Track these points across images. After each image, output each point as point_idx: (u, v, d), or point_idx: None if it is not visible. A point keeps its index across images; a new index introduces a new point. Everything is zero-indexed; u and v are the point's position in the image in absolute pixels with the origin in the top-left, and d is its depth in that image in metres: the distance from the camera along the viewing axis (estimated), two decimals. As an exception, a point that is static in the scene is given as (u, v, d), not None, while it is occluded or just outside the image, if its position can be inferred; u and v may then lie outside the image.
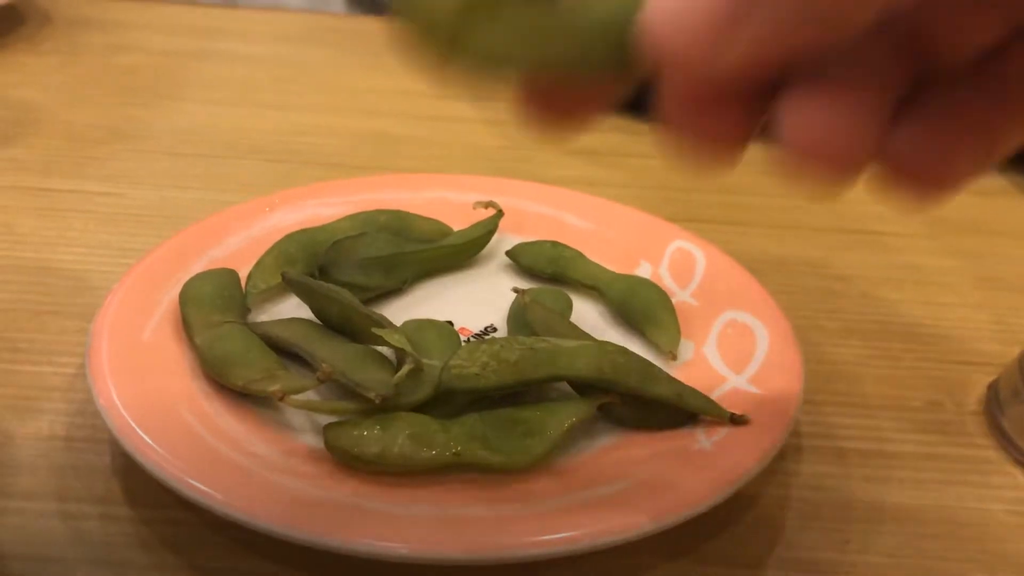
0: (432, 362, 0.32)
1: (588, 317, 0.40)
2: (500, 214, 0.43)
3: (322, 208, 0.43)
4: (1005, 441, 0.36)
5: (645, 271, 0.41)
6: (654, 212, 0.45)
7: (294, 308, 0.37)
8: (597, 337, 0.35)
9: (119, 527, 0.30)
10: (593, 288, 0.40)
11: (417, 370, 0.31)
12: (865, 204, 0.53)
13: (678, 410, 0.32)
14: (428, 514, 0.28)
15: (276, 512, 0.27)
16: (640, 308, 0.38)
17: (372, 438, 0.29)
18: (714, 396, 0.33)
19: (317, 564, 0.29)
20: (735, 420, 0.31)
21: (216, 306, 0.35)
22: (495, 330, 0.38)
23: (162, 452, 0.28)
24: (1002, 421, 0.37)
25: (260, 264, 0.38)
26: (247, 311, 0.37)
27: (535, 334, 0.35)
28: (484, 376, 0.31)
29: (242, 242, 0.40)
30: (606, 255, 0.42)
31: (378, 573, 0.28)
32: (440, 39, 0.18)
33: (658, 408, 0.32)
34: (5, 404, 0.34)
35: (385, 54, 0.73)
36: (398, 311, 0.39)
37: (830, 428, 0.36)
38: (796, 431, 0.36)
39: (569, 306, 0.39)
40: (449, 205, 0.44)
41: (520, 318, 0.37)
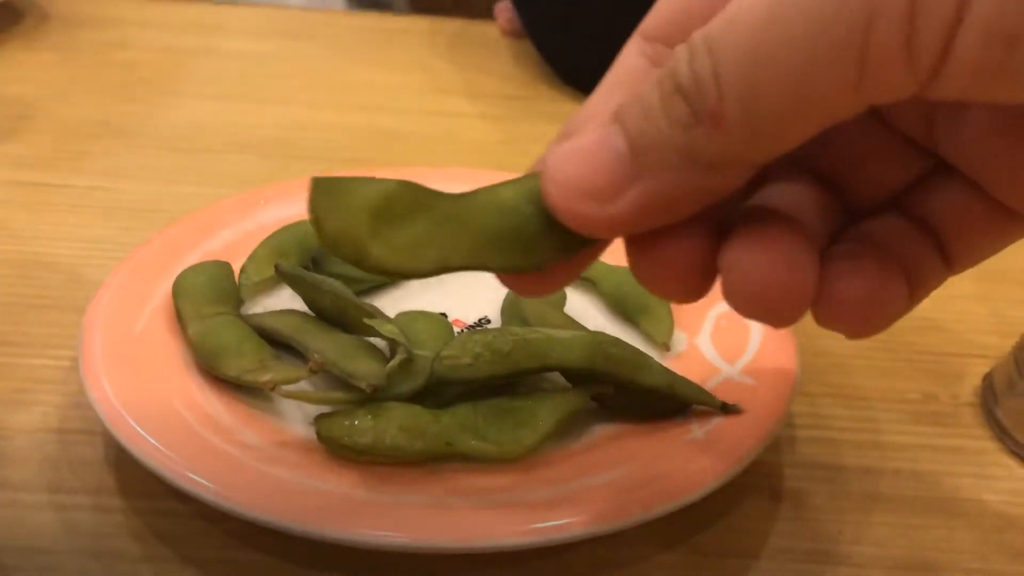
0: (424, 353, 0.32)
1: (582, 309, 0.40)
2: (495, 207, 0.43)
3: (317, 201, 0.43)
4: (1000, 432, 0.36)
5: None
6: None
7: (288, 300, 0.37)
8: (591, 328, 0.35)
9: (112, 518, 0.30)
10: (587, 279, 0.40)
11: (409, 360, 0.31)
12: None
13: (671, 400, 0.32)
14: (420, 504, 0.28)
15: (268, 503, 0.27)
16: (633, 299, 0.38)
17: (364, 428, 0.29)
18: (707, 387, 0.32)
19: (309, 554, 0.29)
20: (727, 410, 0.31)
21: (209, 298, 0.35)
22: (489, 322, 0.38)
23: (154, 443, 0.28)
24: (997, 412, 0.36)
25: (254, 256, 0.38)
26: (240, 303, 0.37)
27: (528, 325, 0.35)
28: (477, 367, 0.31)
29: (236, 235, 0.40)
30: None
31: (370, 563, 0.28)
32: (351, 251, 0.19)
33: (651, 398, 0.32)
34: (-1, 397, 0.34)
35: (383, 50, 0.73)
36: (392, 303, 0.39)
37: (825, 419, 0.36)
38: (791, 422, 0.36)
39: (563, 297, 0.39)
40: (444, 198, 0.44)
41: (514, 310, 0.37)
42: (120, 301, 0.35)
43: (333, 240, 0.19)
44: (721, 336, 0.36)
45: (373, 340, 0.34)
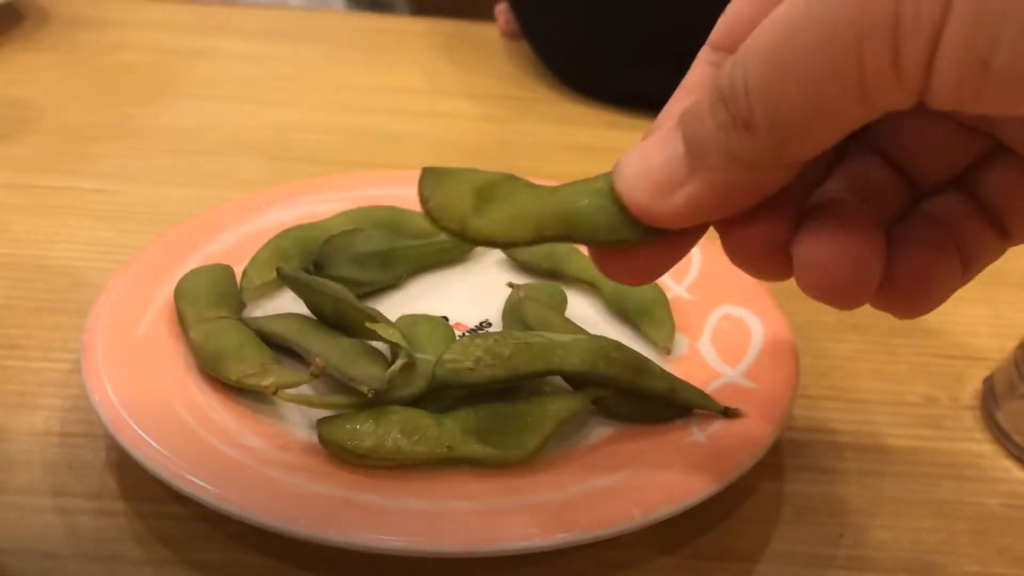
0: (426, 356, 0.32)
1: (583, 312, 0.40)
2: (496, 210, 0.43)
3: (318, 204, 0.43)
4: (1001, 436, 0.36)
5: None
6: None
7: (290, 304, 0.37)
8: (592, 332, 0.35)
9: (113, 522, 0.30)
10: (588, 283, 0.40)
11: (411, 364, 0.31)
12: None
13: (672, 404, 0.32)
14: (421, 508, 0.28)
15: (270, 506, 0.27)
16: (634, 303, 0.38)
17: (365, 432, 0.29)
18: (708, 390, 0.33)
19: (311, 558, 0.29)
20: (728, 414, 0.31)
21: (211, 301, 0.35)
22: (490, 325, 0.38)
23: (156, 447, 0.28)
24: (998, 416, 0.37)
25: (255, 260, 0.38)
26: (242, 306, 0.37)
27: (530, 329, 0.35)
28: (478, 371, 0.31)
29: (237, 238, 0.40)
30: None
31: (372, 567, 0.28)
32: (455, 227, 0.21)
33: (652, 402, 0.32)
34: (0, 400, 0.34)
35: (383, 51, 0.74)
36: (393, 306, 0.39)
37: (826, 423, 0.36)
38: (792, 425, 0.36)
39: (564, 301, 0.39)
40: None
41: (515, 313, 0.37)
42: (122, 304, 0.35)
43: (437, 214, 0.21)
44: (722, 339, 0.36)
45: (375, 344, 0.34)
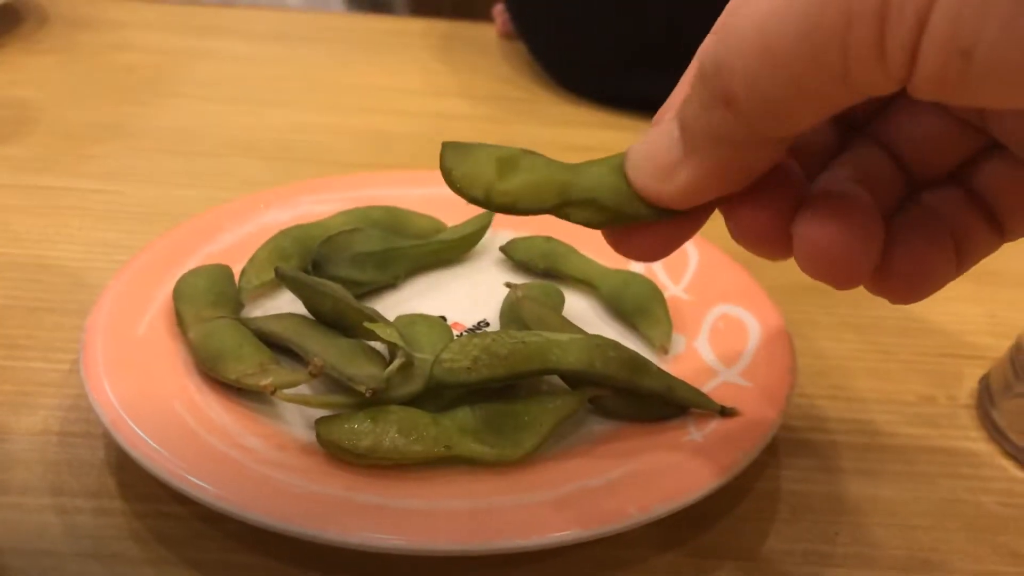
0: (423, 356, 0.32)
1: (581, 312, 0.40)
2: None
3: (316, 204, 0.43)
4: (997, 434, 0.36)
5: (638, 266, 0.41)
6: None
7: (288, 304, 0.38)
8: (590, 332, 0.35)
9: (112, 521, 0.30)
10: (586, 283, 0.41)
11: (408, 364, 0.31)
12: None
13: (669, 403, 0.32)
14: (419, 507, 0.28)
15: (268, 505, 0.27)
16: (632, 302, 0.38)
17: (363, 432, 0.29)
18: (705, 389, 0.33)
19: (309, 557, 0.29)
20: (725, 413, 0.31)
21: (209, 301, 0.35)
22: (488, 325, 0.38)
23: (155, 446, 0.28)
24: (994, 414, 0.37)
25: (254, 260, 0.38)
26: (240, 306, 0.37)
27: (527, 329, 0.35)
28: (475, 370, 0.31)
29: (236, 238, 0.41)
30: (600, 250, 0.42)
31: (370, 566, 0.29)
32: (480, 194, 0.22)
33: (649, 401, 0.32)
34: (0, 400, 0.34)
35: (381, 52, 0.74)
36: (391, 306, 0.39)
37: (822, 422, 0.37)
38: (788, 424, 0.36)
39: (561, 301, 0.39)
40: (443, 201, 0.44)
41: (512, 313, 0.37)
42: (121, 305, 0.35)
43: (462, 182, 0.22)
44: (719, 339, 0.36)
45: (372, 343, 0.34)
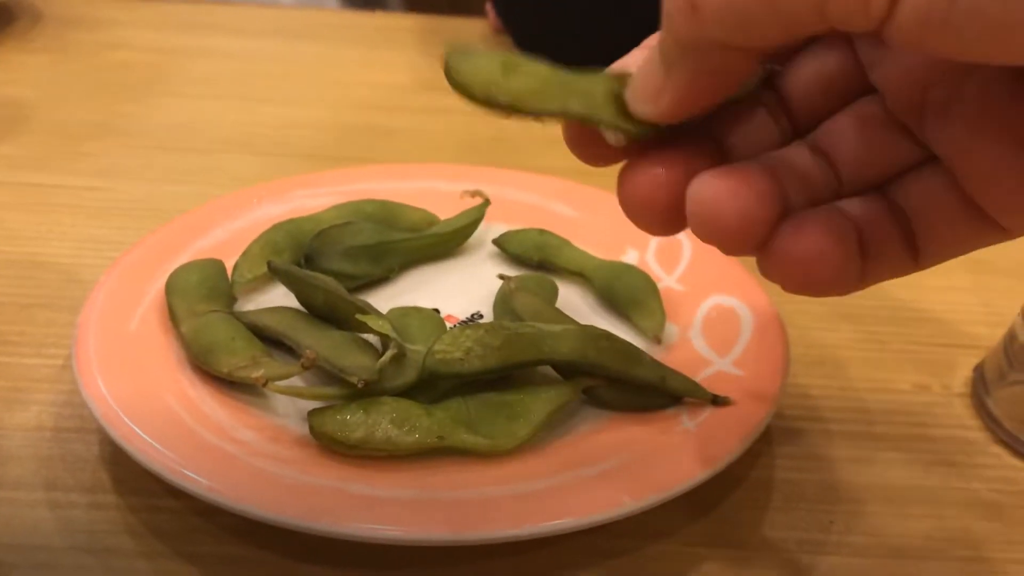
0: (416, 347, 0.32)
1: (574, 303, 0.40)
2: (487, 203, 0.43)
3: (309, 199, 0.43)
4: (991, 422, 0.36)
5: (632, 258, 0.41)
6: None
7: (281, 297, 0.38)
8: (583, 323, 0.35)
9: (106, 515, 0.30)
10: (579, 274, 0.41)
11: (401, 355, 0.31)
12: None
13: (662, 393, 0.32)
14: (413, 497, 0.28)
15: (262, 497, 0.27)
16: (625, 293, 0.38)
17: (356, 423, 0.29)
18: (698, 379, 0.33)
19: (303, 548, 0.29)
20: (717, 402, 0.31)
21: (202, 295, 0.35)
22: (481, 317, 0.38)
23: (149, 440, 0.28)
24: (988, 403, 0.37)
25: (247, 254, 0.38)
26: (233, 300, 0.37)
27: (521, 320, 0.35)
28: (468, 361, 0.31)
29: (229, 233, 0.41)
30: (593, 242, 0.42)
31: (364, 556, 0.29)
32: (480, 91, 0.22)
33: (642, 391, 0.32)
34: (-6, 396, 0.34)
35: (375, 48, 0.74)
36: (385, 300, 0.39)
37: (816, 411, 0.37)
38: (782, 413, 0.36)
39: (555, 293, 0.39)
40: (436, 194, 0.44)
41: (506, 305, 0.37)
42: (114, 300, 0.35)
43: (464, 80, 0.22)
44: (712, 329, 0.36)
45: (365, 336, 0.34)
